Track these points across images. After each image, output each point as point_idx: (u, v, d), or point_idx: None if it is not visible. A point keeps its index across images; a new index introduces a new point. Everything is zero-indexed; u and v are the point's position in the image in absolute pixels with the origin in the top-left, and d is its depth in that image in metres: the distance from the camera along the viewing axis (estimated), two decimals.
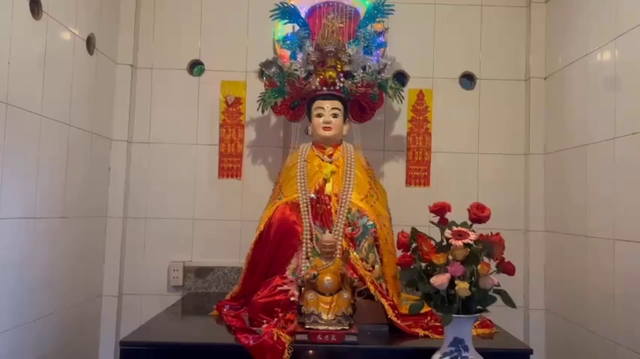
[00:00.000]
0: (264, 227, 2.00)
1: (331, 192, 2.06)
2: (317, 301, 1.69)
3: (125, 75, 2.54)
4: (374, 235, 1.97)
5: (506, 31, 2.63)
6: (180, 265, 2.51)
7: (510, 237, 1.90)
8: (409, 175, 2.58)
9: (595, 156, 2.08)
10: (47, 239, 1.97)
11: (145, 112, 2.59)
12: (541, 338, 2.47)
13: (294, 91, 2.24)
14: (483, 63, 2.62)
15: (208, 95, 2.60)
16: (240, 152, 2.59)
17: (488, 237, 1.50)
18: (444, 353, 1.49)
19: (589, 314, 2.10)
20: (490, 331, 1.88)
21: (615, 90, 1.95)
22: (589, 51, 2.15)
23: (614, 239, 1.92)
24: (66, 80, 2.09)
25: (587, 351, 2.09)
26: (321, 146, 2.18)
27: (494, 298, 1.48)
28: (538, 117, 2.55)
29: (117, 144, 2.52)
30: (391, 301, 1.87)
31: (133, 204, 2.55)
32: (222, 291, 2.43)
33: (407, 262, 1.54)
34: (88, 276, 2.35)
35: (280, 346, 1.61)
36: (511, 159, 2.59)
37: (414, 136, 2.59)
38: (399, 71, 2.59)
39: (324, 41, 2.19)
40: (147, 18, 2.60)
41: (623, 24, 1.91)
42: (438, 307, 1.48)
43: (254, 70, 2.58)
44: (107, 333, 2.46)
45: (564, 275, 2.32)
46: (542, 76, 2.55)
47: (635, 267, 1.80)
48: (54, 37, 1.98)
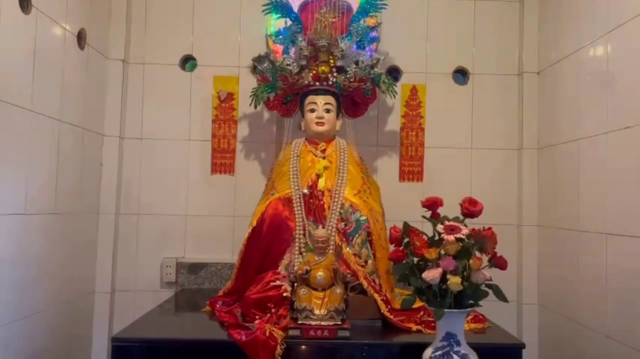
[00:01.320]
0: (257, 223, 2.00)
1: (324, 187, 2.05)
2: (310, 296, 1.69)
3: (116, 71, 2.52)
4: (367, 230, 1.97)
5: (499, 26, 2.63)
6: (173, 261, 2.51)
7: (503, 232, 1.91)
8: (402, 170, 2.58)
9: (588, 150, 2.08)
10: (38, 235, 1.96)
11: (137, 108, 2.57)
12: (534, 333, 2.48)
13: (286, 86, 2.23)
14: (476, 58, 2.62)
15: (200, 90, 2.59)
16: (233, 148, 2.58)
17: (480, 232, 1.50)
18: (436, 347, 1.49)
19: (582, 308, 2.10)
20: (483, 325, 1.88)
21: (608, 84, 1.96)
22: (581, 46, 2.15)
23: (607, 233, 1.93)
24: (57, 76, 2.08)
25: (580, 345, 2.10)
26: (314, 142, 2.17)
27: (486, 293, 1.48)
28: (531, 112, 2.55)
29: (109, 140, 2.50)
30: (384, 296, 1.87)
31: (125, 200, 2.54)
32: (215, 287, 2.42)
33: (399, 257, 1.54)
34: (80, 273, 2.33)
35: (273, 341, 1.61)
36: (504, 154, 2.60)
37: (407, 131, 2.59)
38: (392, 66, 2.58)
39: (317, 36, 2.18)
40: (139, 13, 2.59)
41: (616, 19, 1.91)
42: (430, 302, 1.48)
43: (246, 66, 2.57)
44: (99, 329, 2.45)
45: (557, 270, 2.33)
46: (535, 71, 2.56)
47: (627, 262, 1.81)
48: (44, 32, 1.97)
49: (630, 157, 1.79)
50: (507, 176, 2.59)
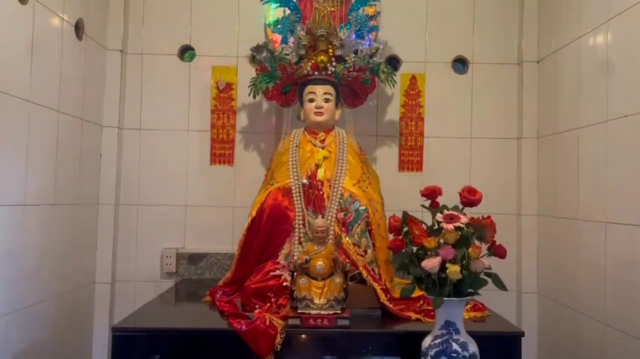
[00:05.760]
0: (257, 213, 2.00)
1: (323, 177, 2.05)
2: (310, 285, 1.70)
3: (115, 61, 2.51)
4: (367, 220, 1.97)
5: (499, 15, 2.61)
6: (173, 252, 2.51)
7: (503, 221, 1.92)
8: (402, 160, 2.58)
9: (588, 139, 2.08)
10: (38, 226, 1.96)
11: (136, 99, 2.56)
12: (533, 321, 2.49)
13: (285, 75, 2.22)
14: (476, 47, 2.61)
15: (199, 80, 2.58)
16: (232, 138, 2.57)
17: (479, 221, 1.50)
18: (435, 335, 1.49)
19: (581, 297, 2.11)
20: (482, 314, 1.89)
21: (607, 73, 1.95)
22: (581, 34, 2.14)
23: (606, 222, 1.93)
24: (55, 67, 2.07)
25: (579, 333, 2.11)
26: (313, 132, 2.17)
27: (485, 281, 1.48)
28: (531, 101, 2.54)
29: (108, 131, 2.50)
30: (383, 286, 1.88)
31: (125, 191, 2.54)
32: (215, 277, 2.43)
33: (399, 246, 1.54)
34: (80, 264, 2.34)
35: (273, 330, 1.62)
36: (504, 143, 2.59)
37: (407, 121, 2.58)
38: (392, 55, 2.57)
39: (315, 25, 2.17)
40: (137, 3, 2.57)
41: (615, 7, 1.90)
42: (429, 290, 1.48)
43: (245, 55, 2.56)
44: (100, 320, 2.46)
45: (556, 258, 2.33)
46: (535, 60, 2.55)
47: (626, 250, 1.81)
48: (42, 23, 1.95)
49: (630, 146, 1.79)
50: (507, 165, 2.58)
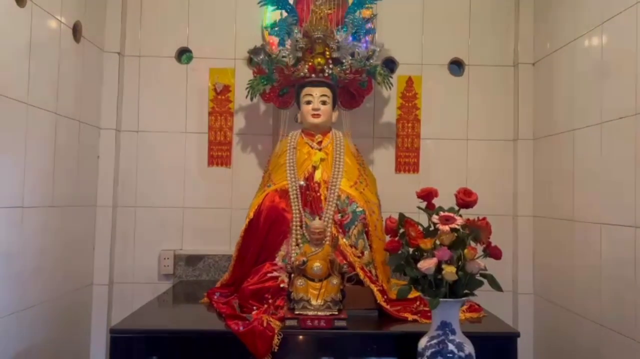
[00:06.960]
0: (254, 215, 2.00)
1: (320, 179, 2.06)
2: (307, 287, 1.70)
3: (112, 63, 2.52)
4: (364, 221, 1.98)
5: (495, 17, 2.63)
6: (170, 253, 2.51)
7: (499, 223, 1.93)
8: (399, 162, 2.59)
9: (583, 141, 2.09)
10: (36, 228, 1.97)
11: (134, 101, 2.57)
12: (529, 322, 2.50)
13: (282, 78, 2.23)
14: (472, 49, 2.62)
15: (196, 82, 2.59)
16: (230, 140, 2.58)
17: (475, 222, 1.51)
18: (432, 336, 1.50)
19: (577, 297, 2.12)
20: (478, 315, 1.89)
21: (602, 75, 1.96)
22: (576, 36, 2.15)
23: (601, 223, 1.94)
24: (52, 69, 2.08)
25: (575, 333, 2.12)
26: (310, 134, 2.18)
27: (481, 282, 1.49)
28: (526, 103, 2.55)
29: (105, 133, 2.50)
30: (380, 287, 1.88)
31: (122, 192, 2.55)
32: (212, 278, 2.43)
33: (395, 247, 1.55)
34: (78, 265, 2.34)
35: (270, 331, 1.62)
36: (500, 144, 2.61)
37: (403, 123, 2.59)
38: (388, 58, 2.59)
39: (312, 28, 2.18)
40: (135, 5, 2.58)
41: (610, 9, 1.92)
42: (426, 291, 1.49)
43: (242, 58, 2.57)
44: (98, 321, 2.46)
45: (552, 259, 2.35)
46: (531, 62, 2.56)
47: (621, 251, 1.82)
48: (39, 25, 1.96)
49: (625, 148, 1.80)
50: (503, 166, 2.60)
